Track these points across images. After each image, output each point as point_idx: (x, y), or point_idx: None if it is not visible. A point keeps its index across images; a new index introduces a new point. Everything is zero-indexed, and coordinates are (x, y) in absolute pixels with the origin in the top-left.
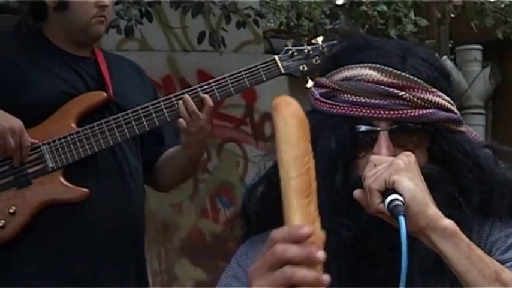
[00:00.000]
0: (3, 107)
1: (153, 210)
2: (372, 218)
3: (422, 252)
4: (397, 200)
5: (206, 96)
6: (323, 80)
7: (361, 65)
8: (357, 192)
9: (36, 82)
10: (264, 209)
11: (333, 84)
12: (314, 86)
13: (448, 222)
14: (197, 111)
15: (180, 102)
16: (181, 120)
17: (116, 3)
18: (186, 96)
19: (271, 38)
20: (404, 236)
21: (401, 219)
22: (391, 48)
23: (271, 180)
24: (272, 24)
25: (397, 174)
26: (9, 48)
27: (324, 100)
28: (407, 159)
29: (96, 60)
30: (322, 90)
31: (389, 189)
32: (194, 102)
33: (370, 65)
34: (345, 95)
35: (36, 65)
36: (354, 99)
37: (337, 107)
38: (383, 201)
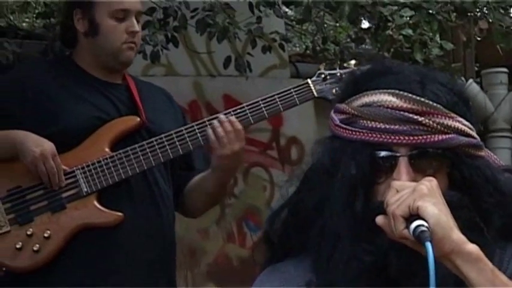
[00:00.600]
0: (36, 133)
1: (179, 235)
2: (393, 243)
3: (442, 277)
4: (423, 225)
5: (233, 119)
6: (343, 106)
7: (380, 91)
8: (379, 219)
9: (68, 109)
10: (287, 234)
11: (352, 110)
12: (334, 112)
13: (473, 247)
14: (224, 136)
15: (208, 127)
16: (214, 144)
17: (142, 29)
18: (222, 116)
19: (297, 63)
20: (432, 262)
21: (429, 245)
22: (410, 73)
23: (294, 206)
24: (298, 49)
25: (420, 200)
26: (40, 75)
27: (344, 126)
28: (430, 184)
29: (127, 87)
30: (342, 116)
31: (413, 215)
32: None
33: (389, 90)
34: (365, 121)
35: (68, 92)
36: (374, 125)
37: (357, 133)
38: (407, 227)
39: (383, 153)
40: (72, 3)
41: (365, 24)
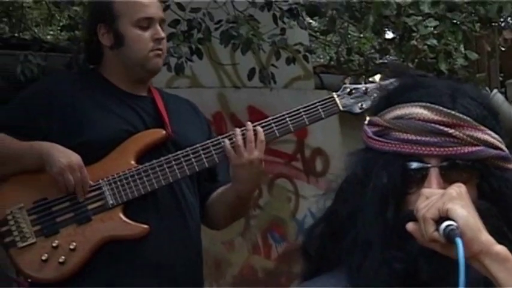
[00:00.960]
0: (63, 145)
1: (204, 247)
2: (423, 249)
3: (472, 279)
4: (452, 225)
5: (259, 129)
6: (375, 118)
7: (412, 103)
8: (410, 225)
9: (95, 121)
10: (323, 246)
11: (385, 123)
12: (367, 124)
13: (501, 248)
14: (242, 145)
15: (236, 129)
16: (232, 154)
17: (167, 41)
18: (237, 130)
19: (321, 74)
20: (462, 257)
21: (458, 240)
22: (441, 87)
23: (330, 217)
24: (322, 60)
25: (450, 202)
26: (66, 87)
27: (377, 138)
28: (458, 189)
29: (153, 99)
30: (375, 129)
31: (443, 217)
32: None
33: (420, 103)
34: (397, 133)
35: (94, 104)
36: (405, 137)
37: (389, 145)
38: (437, 229)
39: (414, 165)
40: (95, 19)
41: (389, 35)
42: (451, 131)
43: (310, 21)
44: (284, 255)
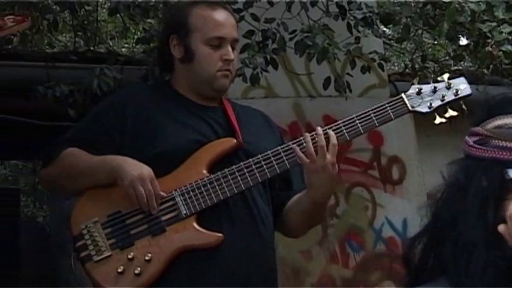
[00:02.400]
0: (137, 156)
1: (282, 255)
2: None
3: None
4: None
5: (331, 133)
6: (477, 129)
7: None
8: (501, 227)
9: (167, 133)
10: (426, 256)
11: (485, 132)
12: (469, 135)
13: None
14: (313, 152)
15: (306, 134)
16: (304, 159)
17: (241, 52)
18: (307, 135)
19: (396, 82)
20: None
21: None
22: None
23: (432, 227)
24: (396, 68)
25: None
26: (140, 99)
27: (477, 146)
28: None
29: (224, 110)
30: (476, 138)
31: None
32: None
33: None
34: (496, 141)
35: (167, 116)
36: (504, 144)
37: (488, 152)
38: None
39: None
40: (168, 29)
41: (463, 41)
42: None
43: (384, 29)
44: (362, 264)
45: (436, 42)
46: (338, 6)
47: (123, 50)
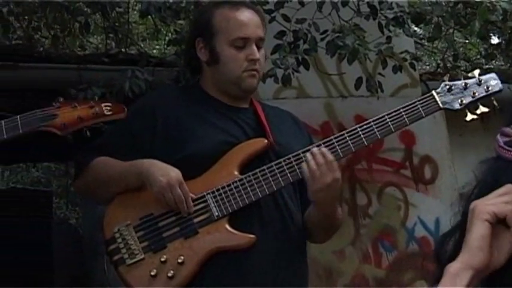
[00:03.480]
0: (167, 160)
1: (315, 256)
2: None
3: None
4: None
5: (327, 152)
6: (507, 129)
7: None
8: None
9: (197, 135)
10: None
11: None
12: (500, 134)
13: None
14: (316, 169)
15: (308, 156)
16: (307, 179)
17: (273, 53)
18: (314, 149)
19: (427, 81)
20: None
21: None
22: None
23: (462, 225)
24: (428, 67)
25: None
26: (173, 101)
27: (507, 148)
28: None
29: (254, 110)
30: (506, 139)
31: None
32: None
33: None
34: None
35: (198, 117)
36: None
37: None
38: None
39: None
40: (194, 32)
41: (495, 40)
42: None
43: (416, 28)
44: (395, 264)
45: (467, 41)
46: (369, 6)
47: (155, 51)
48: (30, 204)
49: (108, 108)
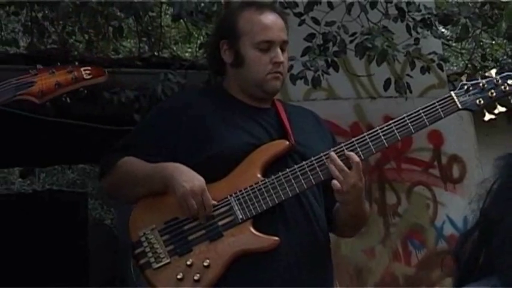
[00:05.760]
0: (191, 161)
1: (345, 255)
2: None
3: None
4: None
5: (351, 154)
6: None
7: None
8: None
9: (221, 136)
10: (476, 252)
11: None
12: None
13: None
14: (346, 170)
15: (329, 160)
16: (334, 181)
17: (303, 55)
18: (332, 154)
19: (455, 82)
20: None
21: None
22: None
23: (481, 224)
24: (455, 68)
25: None
26: (196, 102)
27: None
28: None
29: (276, 111)
30: None
31: None
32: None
33: None
34: None
35: (221, 119)
36: None
37: None
38: None
39: None
40: (218, 34)
41: None
42: None
43: (443, 30)
44: (424, 262)
45: (494, 42)
46: (397, 8)
47: (187, 54)
48: (66, 205)
49: (88, 72)
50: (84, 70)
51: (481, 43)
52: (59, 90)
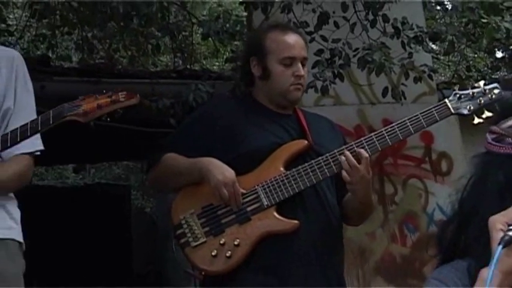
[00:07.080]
0: (225, 157)
1: (350, 237)
2: None
3: None
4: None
5: (361, 150)
6: (494, 127)
7: None
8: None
9: (250, 136)
10: (455, 238)
11: (501, 131)
12: (488, 132)
13: None
14: (356, 164)
15: (342, 157)
16: (344, 174)
17: (313, 67)
18: (346, 152)
19: (443, 89)
20: (494, 262)
21: (499, 247)
22: None
23: (460, 219)
24: (443, 77)
25: None
26: (229, 108)
27: (494, 143)
28: None
29: (297, 117)
30: (493, 136)
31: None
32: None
33: None
34: (510, 139)
35: (250, 123)
36: None
37: (503, 148)
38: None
39: None
40: (249, 52)
41: (499, 54)
42: None
43: (433, 45)
44: (417, 243)
45: (476, 55)
46: (393, 27)
47: (215, 67)
48: (112, 196)
49: (123, 95)
50: (121, 94)
51: (466, 56)
52: (99, 112)
